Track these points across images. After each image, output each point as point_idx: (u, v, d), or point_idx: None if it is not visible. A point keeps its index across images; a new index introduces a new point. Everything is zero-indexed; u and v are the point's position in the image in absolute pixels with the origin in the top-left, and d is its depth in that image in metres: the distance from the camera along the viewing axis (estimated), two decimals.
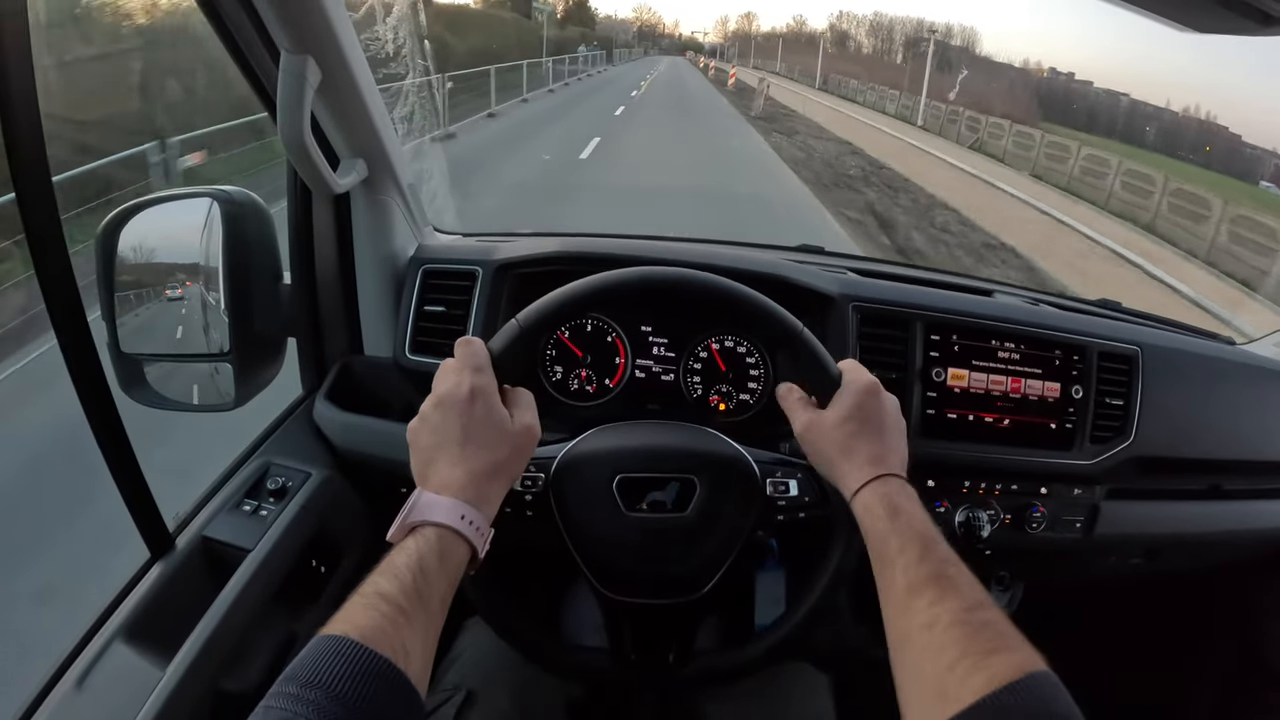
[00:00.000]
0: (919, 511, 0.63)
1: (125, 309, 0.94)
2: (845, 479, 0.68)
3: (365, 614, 0.50)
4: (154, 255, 0.98)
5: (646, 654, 0.77)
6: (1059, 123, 18.90)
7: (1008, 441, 1.02)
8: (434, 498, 0.59)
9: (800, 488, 0.76)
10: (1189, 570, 1.27)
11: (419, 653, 0.51)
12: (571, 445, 0.78)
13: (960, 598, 0.54)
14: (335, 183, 0.89)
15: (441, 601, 0.56)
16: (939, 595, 0.55)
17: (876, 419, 0.69)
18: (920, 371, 0.98)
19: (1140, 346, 1.06)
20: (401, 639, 0.50)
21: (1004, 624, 0.52)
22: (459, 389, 0.63)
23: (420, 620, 0.52)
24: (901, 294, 1.02)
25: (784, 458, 0.80)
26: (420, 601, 0.53)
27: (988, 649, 0.50)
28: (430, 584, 0.54)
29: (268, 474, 0.92)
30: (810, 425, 0.72)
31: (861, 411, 0.69)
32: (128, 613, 0.77)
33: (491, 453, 0.63)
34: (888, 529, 0.61)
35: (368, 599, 0.51)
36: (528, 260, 0.99)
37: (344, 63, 0.84)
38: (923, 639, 0.53)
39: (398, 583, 0.53)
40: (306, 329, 1.02)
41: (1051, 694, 0.47)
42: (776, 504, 0.76)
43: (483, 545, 0.60)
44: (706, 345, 1.03)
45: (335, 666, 0.46)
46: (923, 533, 0.60)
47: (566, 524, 0.74)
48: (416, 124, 1.43)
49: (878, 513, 0.63)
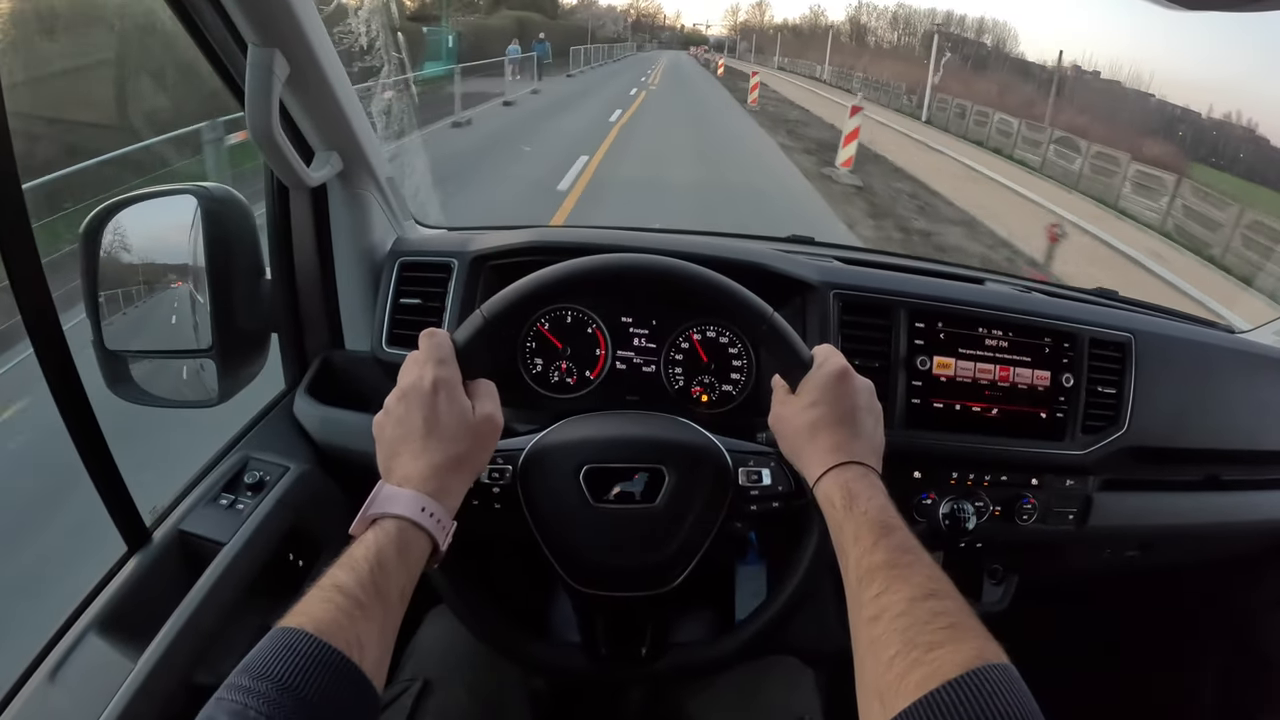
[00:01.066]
0: (878, 498, 0.61)
1: (110, 307, 0.95)
2: (808, 467, 0.66)
3: (321, 606, 0.50)
4: (138, 252, 0.99)
5: (619, 648, 0.76)
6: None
7: (997, 431, 1.00)
8: (395, 490, 0.59)
9: (774, 477, 0.75)
10: (1185, 562, 1.24)
11: (375, 645, 0.51)
12: (539, 437, 0.77)
13: (910, 587, 0.52)
14: (308, 176, 0.89)
15: (400, 594, 0.55)
16: (887, 585, 0.53)
17: (844, 405, 0.67)
18: (904, 360, 0.97)
19: (1133, 334, 1.04)
20: (356, 632, 0.49)
21: (959, 613, 0.49)
22: (422, 381, 0.63)
23: (377, 613, 0.52)
24: (885, 281, 1.00)
25: (758, 447, 0.79)
26: (378, 594, 0.52)
27: (931, 642, 0.47)
28: (388, 577, 0.54)
29: (246, 468, 0.92)
30: (779, 414, 0.71)
31: (828, 397, 0.67)
32: (102, 605, 0.77)
33: (453, 445, 0.62)
34: (843, 517, 0.60)
35: (325, 591, 0.51)
36: (502, 251, 0.98)
37: (312, 56, 0.83)
38: (867, 634, 0.51)
39: (355, 575, 0.52)
40: (288, 324, 1.02)
41: (999, 689, 0.43)
42: (749, 494, 0.75)
43: (444, 538, 0.60)
44: (688, 336, 1.02)
45: (287, 659, 0.46)
46: (879, 520, 0.58)
47: (534, 516, 0.73)
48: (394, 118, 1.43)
49: (834, 501, 0.61)
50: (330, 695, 0.46)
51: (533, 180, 7.86)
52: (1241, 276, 7.39)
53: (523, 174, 8.23)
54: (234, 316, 0.95)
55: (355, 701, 0.48)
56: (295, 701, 0.44)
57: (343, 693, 0.47)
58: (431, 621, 0.88)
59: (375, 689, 0.50)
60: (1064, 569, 1.16)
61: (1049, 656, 1.43)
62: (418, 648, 0.86)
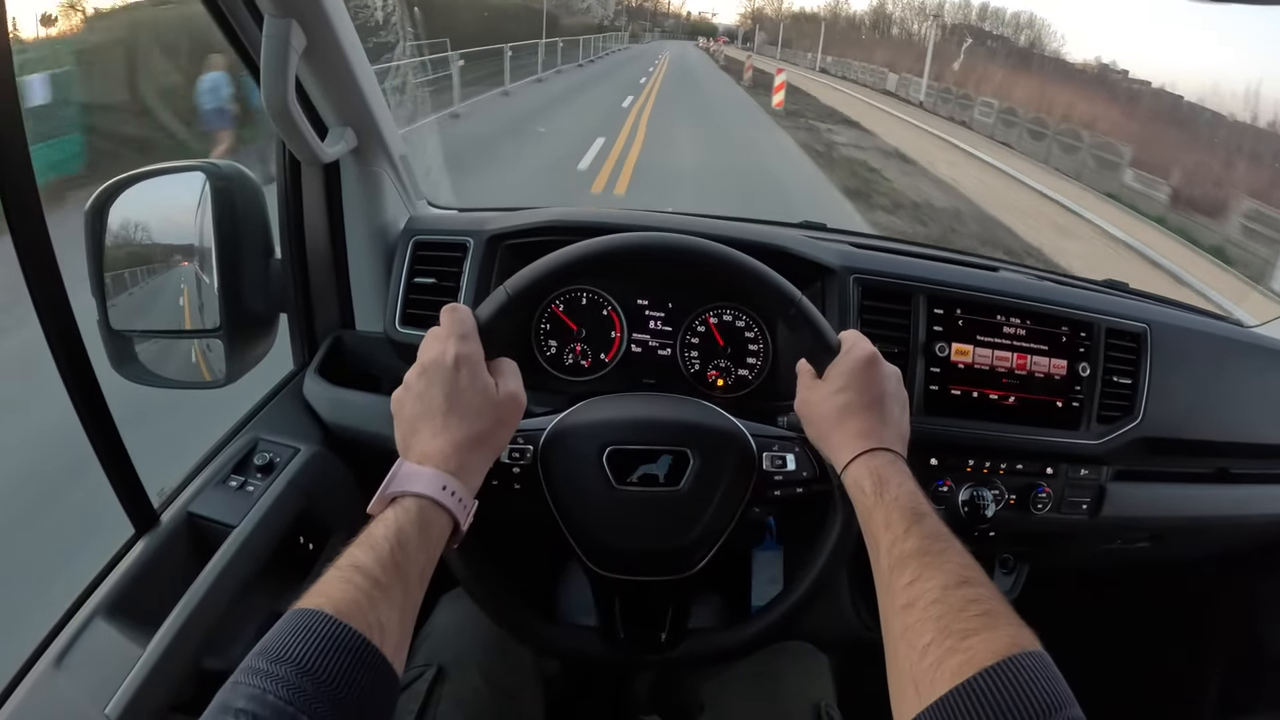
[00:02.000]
0: (908, 485, 0.60)
1: (117, 286, 0.93)
2: (836, 452, 0.66)
3: (340, 588, 0.49)
4: (145, 230, 0.96)
5: (637, 632, 0.75)
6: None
7: (1013, 420, 0.99)
8: (415, 468, 0.58)
9: (798, 462, 0.74)
10: (1195, 555, 1.25)
11: (395, 628, 0.49)
12: (561, 417, 0.76)
13: (943, 574, 0.51)
14: (322, 151, 0.87)
15: (420, 574, 0.54)
16: (920, 572, 0.52)
17: (873, 391, 0.67)
18: (923, 346, 0.96)
19: (1149, 324, 1.04)
20: (377, 614, 0.48)
21: (992, 600, 0.49)
22: (444, 357, 0.61)
23: (397, 594, 0.50)
24: (903, 266, 1.00)
25: (782, 432, 0.77)
26: (398, 574, 0.51)
27: (966, 629, 0.46)
28: (409, 556, 0.52)
29: (255, 449, 0.90)
30: (805, 399, 0.70)
31: (857, 382, 0.66)
32: (110, 589, 0.76)
33: (475, 423, 0.61)
34: (873, 504, 0.59)
35: (344, 572, 0.50)
36: (519, 231, 0.97)
37: (329, 27, 0.81)
38: (900, 621, 0.50)
39: (375, 555, 0.51)
40: (297, 304, 1.00)
41: (1035, 676, 0.43)
42: (773, 479, 0.74)
43: (465, 517, 0.59)
44: (704, 319, 1.01)
45: (306, 642, 0.45)
46: (910, 507, 0.57)
47: (555, 498, 0.72)
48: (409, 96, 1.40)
49: (864, 487, 0.61)
50: (351, 679, 0.45)
51: None
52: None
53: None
54: (242, 296, 0.93)
55: (376, 686, 0.46)
56: (315, 685, 0.43)
57: (363, 677, 0.45)
58: (446, 606, 0.87)
59: (395, 673, 0.48)
60: (1074, 559, 1.16)
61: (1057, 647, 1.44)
62: (432, 632, 0.85)
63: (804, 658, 0.90)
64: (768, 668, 0.87)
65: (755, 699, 0.85)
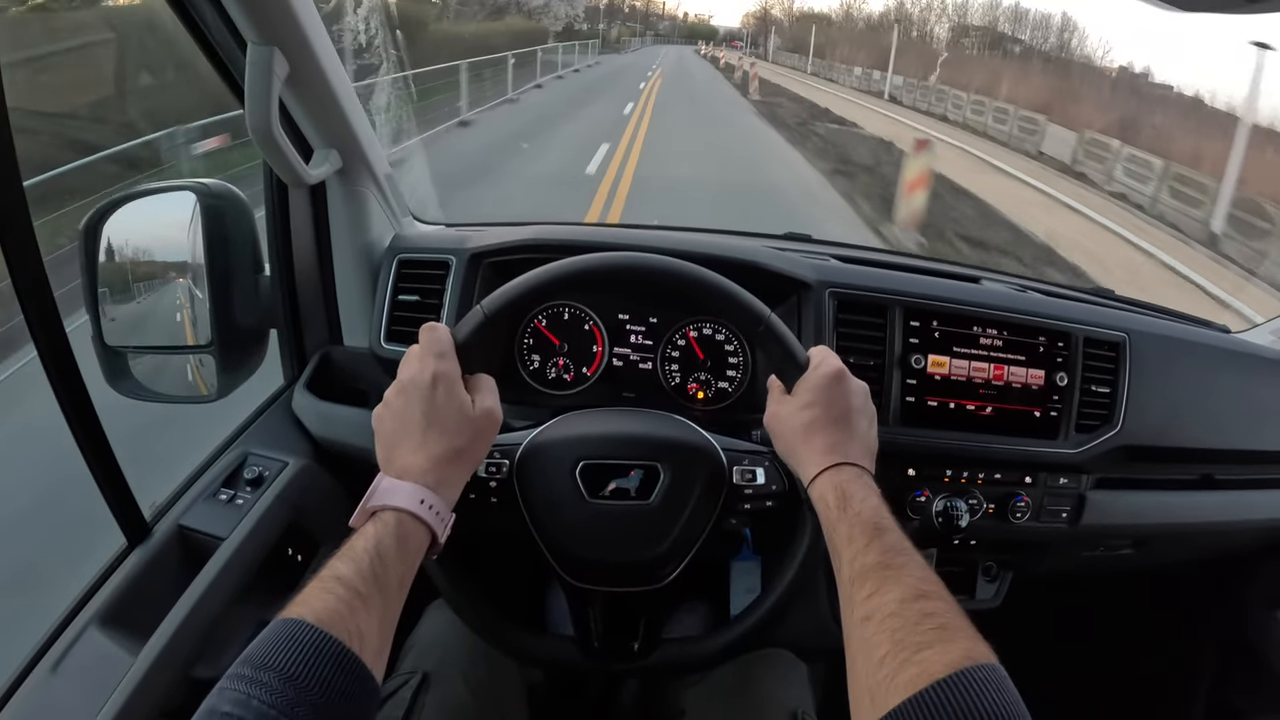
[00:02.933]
0: (872, 499, 0.61)
1: (110, 303, 0.96)
2: (803, 466, 0.67)
3: (321, 597, 0.51)
4: (137, 249, 0.99)
5: (612, 641, 0.77)
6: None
7: (991, 430, 1.00)
8: (394, 483, 0.60)
9: (768, 476, 0.76)
10: (1179, 561, 1.25)
11: (374, 636, 0.52)
12: (537, 432, 0.78)
13: (901, 588, 0.52)
14: (307, 174, 0.89)
15: (399, 585, 0.56)
16: (879, 586, 0.53)
17: (839, 406, 0.68)
18: (899, 358, 0.97)
19: (1128, 333, 1.04)
20: (356, 622, 0.50)
21: (949, 614, 0.50)
22: (421, 375, 0.64)
23: (376, 604, 0.53)
24: (881, 280, 1.01)
25: (753, 446, 0.79)
26: (377, 585, 0.53)
27: (921, 642, 0.47)
28: (388, 568, 0.55)
29: (245, 463, 0.93)
30: (774, 413, 0.72)
31: (824, 398, 0.68)
32: (103, 600, 0.78)
33: (452, 438, 0.63)
34: (837, 518, 0.60)
35: (325, 583, 0.52)
36: (500, 249, 0.99)
37: (311, 54, 0.84)
38: (859, 634, 0.52)
39: (355, 567, 0.53)
40: (286, 320, 1.03)
41: (987, 688, 0.44)
42: (743, 492, 0.75)
43: (442, 530, 0.61)
44: (684, 333, 1.02)
45: (289, 650, 0.47)
46: (873, 522, 0.59)
47: (530, 510, 0.74)
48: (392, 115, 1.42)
49: (829, 501, 0.62)
50: (331, 685, 0.47)
51: None
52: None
53: None
54: (233, 312, 0.96)
55: (356, 691, 0.48)
56: (297, 691, 0.45)
57: (343, 682, 0.48)
58: (431, 615, 0.89)
59: (375, 679, 0.51)
60: (1058, 567, 1.17)
61: (1043, 654, 1.44)
62: (418, 641, 0.87)
63: (782, 665, 0.92)
64: (746, 675, 0.89)
65: (734, 706, 0.86)
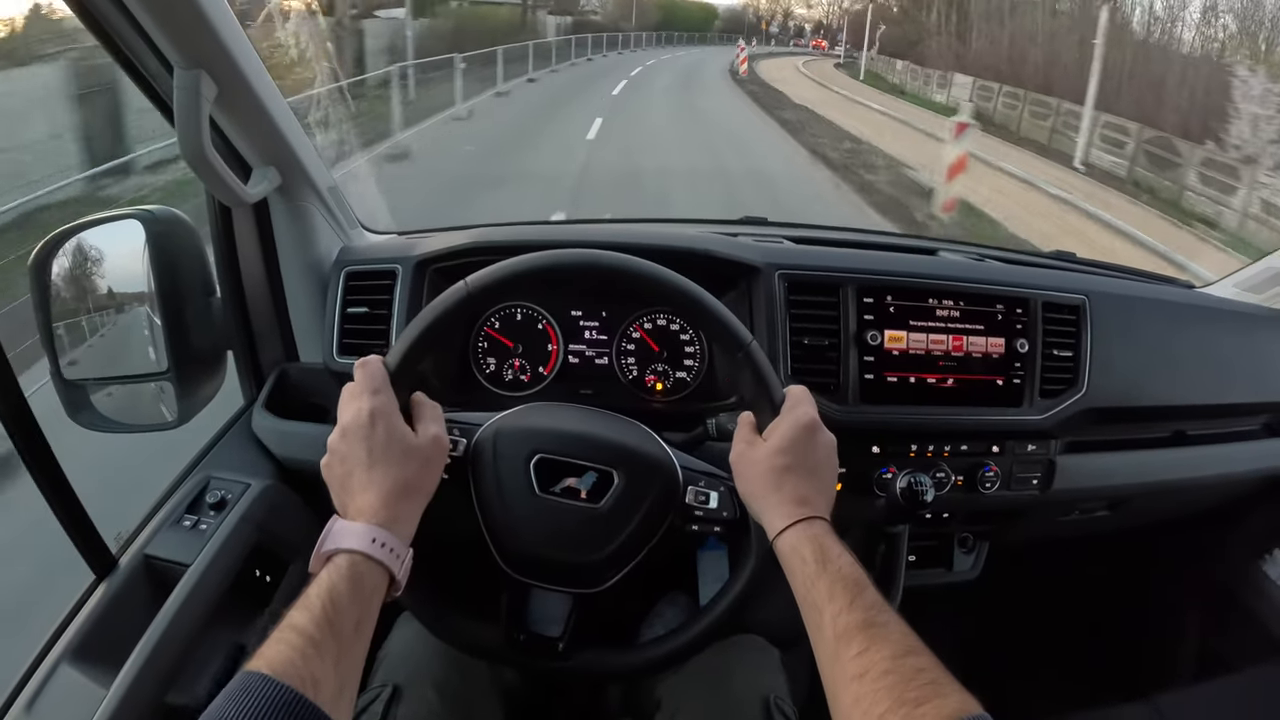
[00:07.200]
0: (847, 555, 0.62)
1: (66, 337, 0.96)
2: (769, 515, 0.67)
3: (276, 648, 0.52)
4: (90, 280, 0.99)
5: (537, 638, 0.75)
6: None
7: (954, 401, 1.00)
8: (346, 525, 0.60)
9: (720, 502, 0.75)
10: (1158, 520, 1.25)
11: (330, 681, 0.52)
12: (500, 417, 0.77)
13: (890, 645, 0.54)
14: (245, 193, 0.89)
15: (355, 628, 0.56)
16: (868, 644, 0.55)
17: (811, 458, 0.68)
18: (855, 336, 0.97)
19: (1088, 295, 1.04)
20: (310, 670, 0.51)
21: (936, 669, 0.53)
22: (359, 416, 0.64)
23: (331, 649, 0.53)
24: (832, 258, 1.00)
25: (711, 469, 0.78)
26: (331, 631, 0.54)
27: (918, 698, 0.50)
28: (341, 612, 0.55)
29: (208, 488, 0.92)
30: (743, 454, 0.71)
31: (798, 448, 0.68)
32: (73, 635, 0.78)
33: (399, 470, 0.63)
34: (816, 573, 0.61)
35: (281, 633, 0.53)
36: (445, 254, 0.98)
37: (240, 74, 0.83)
38: (854, 690, 0.53)
39: (309, 614, 0.54)
40: (241, 341, 1.02)
41: None
42: (693, 513, 0.75)
43: (400, 568, 0.61)
44: (638, 325, 1.02)
45: (244, 702, 0.48)
46: (853, 578, 0.60)
47: (478, 491, 0.73)
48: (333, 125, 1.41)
49: (805, 555, 0.62)
50: None
51: None
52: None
53: None
54: (188, 337, 0.95)
55: None
56: None
57: None
58: (401, 627, 0.89)
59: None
60: (1034, 534, 1.17)
61: (1027, 622, 1.44)
62: (388, 654, 0.87)
63: (754, 652, 0.92)
64: (719, 663, 0.88)
65: (706, 694, 0.86)
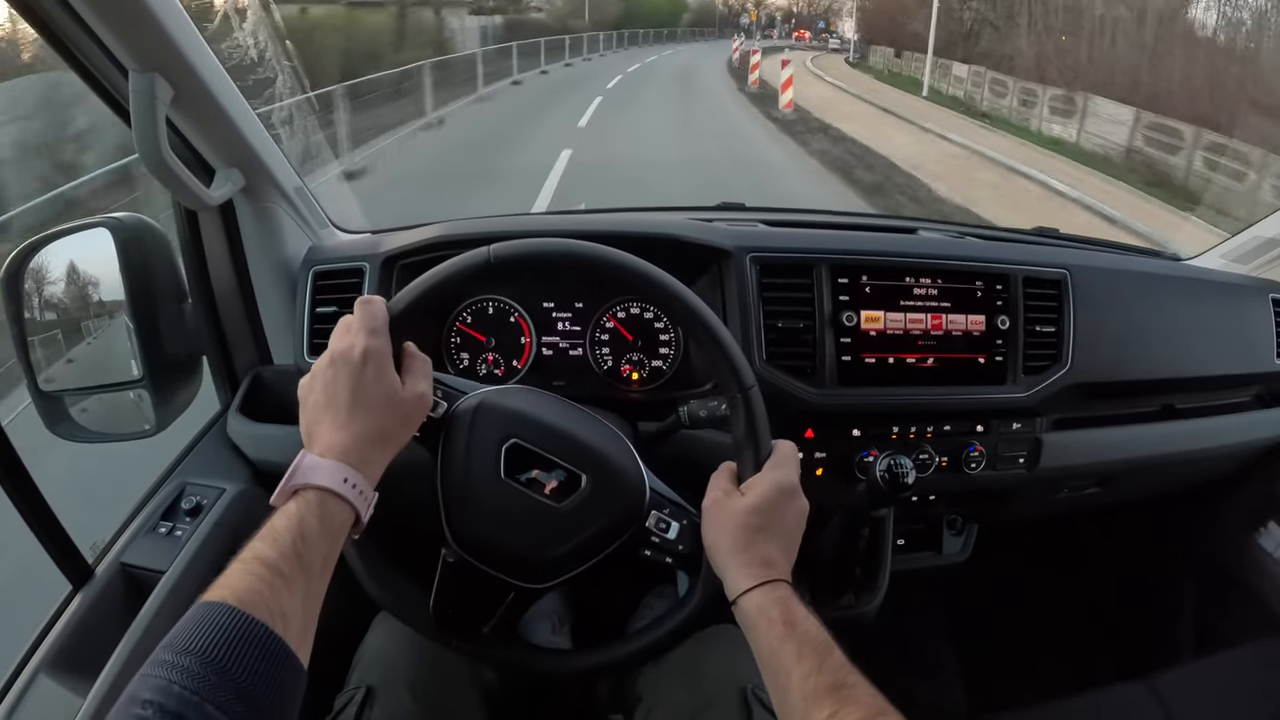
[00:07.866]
0: (811, 617, 0.62)
1: (41, 348, 0.95)
2: (734, 573, 0.66)
3: (242, 579, 0.50)
4: (63, 291, 0.98)
5: (464, 617, 0.74)
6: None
7: (936, 381, 0.99)
8: (317, 460, 0.59)
9: (679, 534, 0.73)
10: (1148, 495, 1.23)
11: (298, 617, 0.51)
12: (486, 391, 0.75)
13: (861, 706, 0.54)
14: (209, 196, 0.88)
15: (323, 565, 0.55)
16: (838, 705, 0.54)
17: (783, 523, 0.68)
18: (830, 317, 0.95)
19: (1069, 269, 1.02)
20: (279, 603, 0.49)
21: None
22: (352, 350, 0.62)
23: (300, 584, 0.52)
24: (805, 240, 0.99)
25: (679, 500, 0.76)
26: (300, 565, 0.52)
27: None
28: (310, 547, 0.54)
29: (183, 494, 0.92)
30: (718, 502, 0.70)
31: (772, 510, 0.67)
32: (50, 645, 0.78)
33: (378, 419, 0.62)
34: (784, 635, 0.60)
35: (246, 564, 0.51)
36: (411, 250, 0.97)
37: (195, 77, 0.82)
38: None
39: (277, 547, 0.52)
40: (214, 345, 1.02)
41: None
42: (649, 538, 0.73)
43: (365, 509, 0.60)
44: (611, 315, 1.01)
45: (209, 633, 0.46)
46: (820, 640, 0.59)
47: (445, 460, 0.71)
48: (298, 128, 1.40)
49: (773, 617, 0.61)
50: (254, 667, 0.46)
51: None
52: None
53: None
54: (162, 344, 0.95)
55: (279, 672, 0.48)
56: (219, 675, 0.45)
57: (266, 664, 0.47)
58: (378, 628, 0.88)
59: (300, 660, 0.50)
60: (1023, 513, 1.16)
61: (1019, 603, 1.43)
62: (364, 656, 0.86)
63: (731, 641, 0.91)
64: (697, 654, 0.88)
65: (684, 685, 0.85)
